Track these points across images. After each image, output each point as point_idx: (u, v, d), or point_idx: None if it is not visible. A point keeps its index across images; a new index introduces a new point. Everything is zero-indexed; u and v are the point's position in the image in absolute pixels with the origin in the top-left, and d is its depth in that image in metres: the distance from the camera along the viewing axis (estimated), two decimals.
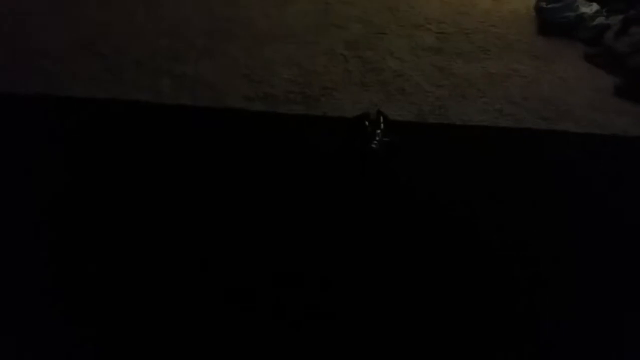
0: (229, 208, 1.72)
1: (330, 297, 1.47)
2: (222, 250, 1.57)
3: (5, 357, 1.26)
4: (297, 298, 1.45)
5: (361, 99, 2.26)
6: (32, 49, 2.46)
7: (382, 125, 1.99)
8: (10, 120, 2.03)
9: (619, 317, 1.50)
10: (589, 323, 1.47)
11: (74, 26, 2.66)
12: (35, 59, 2.39)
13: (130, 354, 1.32)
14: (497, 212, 1.81)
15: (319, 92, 2.28)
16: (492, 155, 2.07)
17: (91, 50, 2.47)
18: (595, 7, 3.10)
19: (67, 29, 2.63)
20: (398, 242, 1.66)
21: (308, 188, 1.82)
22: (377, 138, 1.93)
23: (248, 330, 1.38)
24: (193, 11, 2.90)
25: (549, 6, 3.12)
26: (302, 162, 1.92)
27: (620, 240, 1.73)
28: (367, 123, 2.00)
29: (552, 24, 3.04)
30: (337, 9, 3.04)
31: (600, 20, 2.97)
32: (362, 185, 1.86)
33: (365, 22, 2.91)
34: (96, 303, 1.42)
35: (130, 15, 2.82)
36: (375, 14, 3.03)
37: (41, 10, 2.76)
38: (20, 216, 1.65)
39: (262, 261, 1.54)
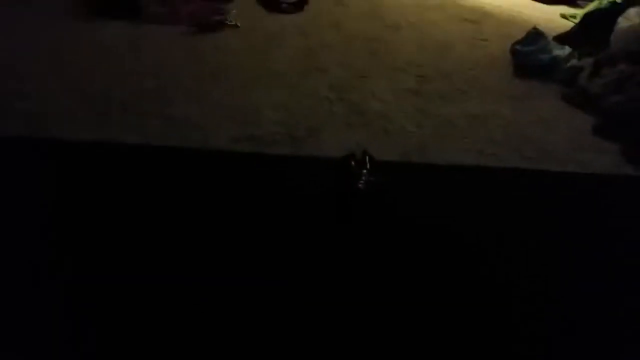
0: (215, 250, 1.71)
1: (317, 345, 1.46)
2: (205, 293, 1.55)
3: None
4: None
5: (346, 139, 2.29)
6: (14, 90, 2.46)
7: (368, 165, 2.02)
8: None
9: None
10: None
11: (59, 68, 2.67)
12: (17, 100, 2.38)
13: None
14: (482, 250, 1.83)
15: (305, 133, 2.32)
16: (476, 195, 2.10)
17: (76, 92, 2.47)
18: (567, 49, 3.23)
19: (52, 70, 2.64)
20: (386, 281, 1.66)
21: (294, 228, 1.82)
22: (364, 178, 1.95)
23: None
24: (181, 55, 2.95)
25: (524, 49, 3.23)
26: (289, 202, 1.93)
27: (604, 276, 1.76)
28: (353, 163, 2.03)
29: (527, 66, 3.15)
30: (320, 53, 3.11)
31: (573, 62, 3.09)
32: (349, 225, 1.87)
33: (347, 66, 2.98)
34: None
35: (117, 57, 2.85)
36: (356, 58, 3.10)
37: (24, 52, 2.78)
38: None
39: (243, 308, 1.52)
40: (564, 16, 4.33)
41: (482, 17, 4.10)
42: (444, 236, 1.86)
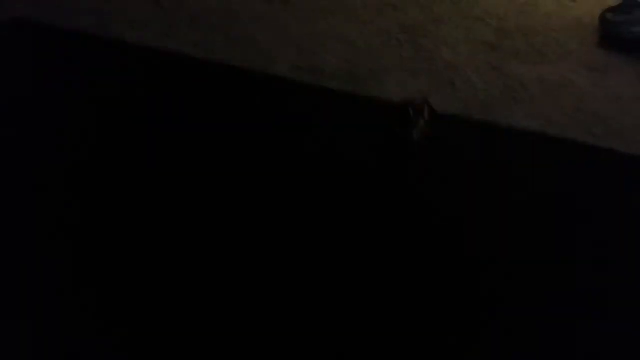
0: (258, 172, 1.72)
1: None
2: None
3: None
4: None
5: (409, 86, 2.23)
6: None
7: (426, 116, 1.96)
8: (51, 55, 2.06)
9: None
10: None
11: None
12: None
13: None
14: (524, 219, 1.77)
15: (368, 72, 2.26)
16: (533, 163, 2.03)
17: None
18: None
19: None
20: (426, 234, 1.65)
21: (341, 167, 1.81)
22: (420, 128, 1.90)
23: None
24: None
25: (615, 18, 3.01)
26: (340, 139, 1.91)
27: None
28: (411, 111, 1.97)
29: (615, 38, 2.94)
30: None
31: None
32: (396, 173, 1.85)
33: (424, 8, 2.85)
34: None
35: None
36: (436, 0, 2.97)
37: None
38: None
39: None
40: None
41: None
42: (492, 199, 1.81)
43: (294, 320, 1.35)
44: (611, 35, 2.97)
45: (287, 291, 1.41)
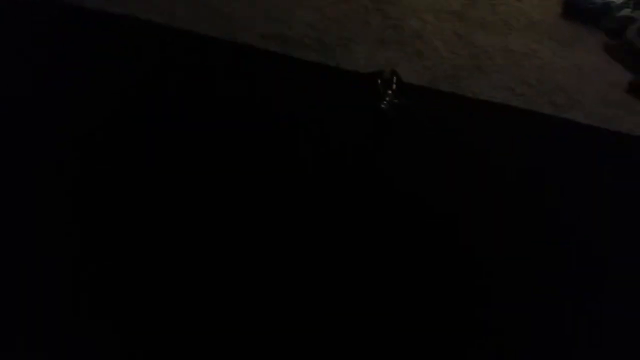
0: (222, 145, 1.68)
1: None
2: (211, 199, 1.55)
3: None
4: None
5: (377, 55, 2.22)
6: None
7: (394, 86, 1.97)
8: (13, 23, 1.96)
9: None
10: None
11: None
12: None
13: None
14: (490, 189, 1.81)
15: (336, 41, 2.23)
16: (496, 132, 2.07)
17: None
18: None
19: None
20: (385, 205, 1.66)
21: (310, 136, 1.80)
22: (388, 98, 1.91)
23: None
24: None
25: None
26: (309, 109, 1.89)
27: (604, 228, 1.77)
28: (380, 82, 1.97)
29: (578, 9, 3.00)
30: None
31: (626, 11, 2.93)
32: (366, 142, 1.85)
33: None
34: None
35: None
36: None
37: None
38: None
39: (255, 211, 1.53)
40: None
41: None
42: (460, 168, 1.84)
43: (265, 292, 1.36)
44: (573, 6, 3.02)
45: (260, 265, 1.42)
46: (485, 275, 1.52)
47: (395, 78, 2.00)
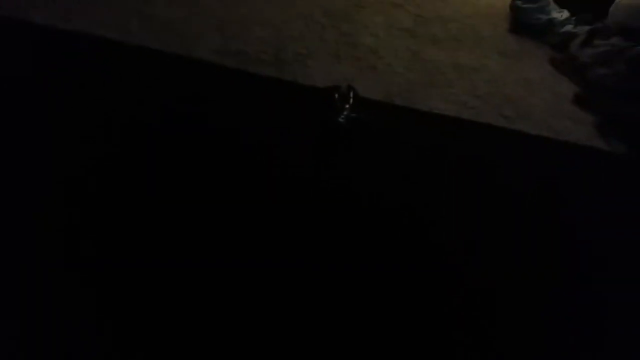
0: (180, 161, 1.67)
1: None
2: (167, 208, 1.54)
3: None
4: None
5: (333, 70, 2.25)
6: None
7: (351, 101, 2.00)
8: None
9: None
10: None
11: None
12: None
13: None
14: (445, 199, 1.85)
15: (292, 57, 2.26)
16: (450, 145, 2.12)
17: None
18: (566, 14, 3.20)
19: None
20: (348, 218, 1.68)
21: (268, 152, 1.81)
22: (345, 112, 1.94)
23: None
24: None
25: (523, 6, 3.19)
26: (266, 125, 1.90)
27: (551, 238, 1.83)
28: (336, 96, 2.00)
29: (524, 24, 3.12)
30: None
31: (568, 27, 3.07)
32: (323, 156, 1.87)
33: None
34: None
35: None
36: None
37: None
38: None
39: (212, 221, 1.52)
40: None
41: None
42: (416, 178, 1.88)
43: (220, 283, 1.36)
44: (520, 22, 3.14)
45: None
46: (433, 291, 1.56)
47: (351, 92, 2.04)
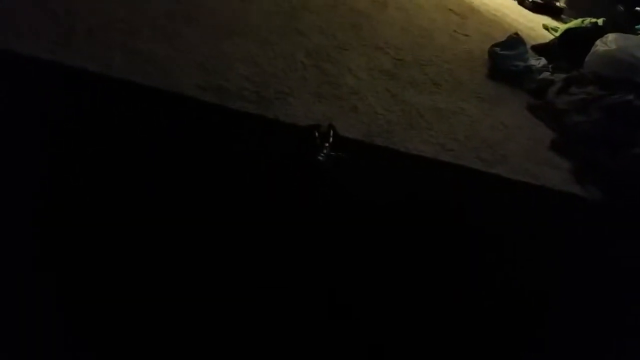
0: (160, 195, 1.65)
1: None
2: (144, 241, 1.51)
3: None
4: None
5: (314, 109, 2.26)
6: None
7: (331, 139, 2.01)
8: None
9: None
10: None
11: None
12: None
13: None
14: (421, 239, 1.85)
15: (274, 94, 2.26)
16: (428, 186, 2.14)
17: (41, 8, 2.32)
18: (543, 61, 3.29)
19: None
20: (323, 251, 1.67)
21: (247, 188, 1.79)
22: (325, 151, 1.94)
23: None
24: None
25: (502, 52, 3.28)
26: (246, 161, 1.90)
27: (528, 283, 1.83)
28: (317, 134, 2.01)
29: (502, 70, 3.20)
30: (303, 16, 3.05)
31: (545, 74, 3.15)
32: (303, 193, 1.86)
33: (328, 35, 2.93)
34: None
35: None
36: (338, 28, 3.06)
37: None
38: None
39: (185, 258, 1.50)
40: (546, 27, 4.41)
41: (468, 11, 4.12)
42: (392, 221, 1.88)
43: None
44: (497, 68, 3.22)
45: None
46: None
47: (332, 131, 2.06)
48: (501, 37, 3.45)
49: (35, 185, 1.55)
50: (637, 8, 4.26)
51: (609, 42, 3.16)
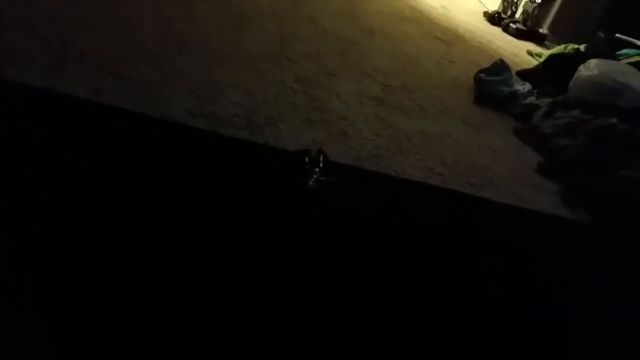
0: (152, 222, 1.65)
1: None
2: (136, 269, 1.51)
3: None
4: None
5: (304, 134, 2.29)
6: None
7: (321, 164, 2.03)
8: None
9: None
10: None
11: (20, 7, 2.53)
12: None
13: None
14: (412, 263, 1.86)
15: (264, 120, 2.29)
16: (417, 209, 2.15)
17: (33, 34, 2.35)
18: (528, 86, 3.36)
19: (12, 9, 2.50)
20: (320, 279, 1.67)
21: (237, 214, 1.80)
22: (315, 176, 1.96)
23: None
24: (149, 15, 2.86)
25: (487, 78, 3.34)
26: (237, 187, 1.90)
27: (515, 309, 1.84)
28: (307, 159, 2.03)
29: (487, 95, 3.25)
30: (292, 44, 3.10)
31: (531, 99, 3.21)
32: (294, 219, 1.87)
33: (317, 62, 2.98)
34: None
35: (82, 5, 2.73)
36: (327, 55, 3.11)
37: None
38: None
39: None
40: (530, 53, 4.51)
41: (453, 38, 4.21)
42: (384, 243, 1.89)
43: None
44: (484, 93, 3.27)
45: None
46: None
47: (322, 156, 2.07)
48: (486, 64, 3.52)
49: (24, 213, 1.55)
50: (617, 35, 4.37)
51: (592, 68, 3.24)
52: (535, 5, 4.89)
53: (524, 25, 4.95)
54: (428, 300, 1.73)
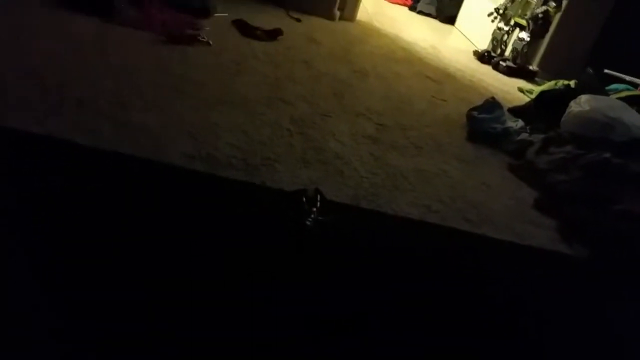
0: (151, 264, 1.65)
1: None
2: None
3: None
4: None
5: (300, 174, 2.30)
6: None
7: (318, 204, 2.03)
8: None
9: None
10: None
11: (17, 53, 2.58)
12: None
13: None
14: (410, 300, 1.85)
15: (261, 161, 2.31)
16: (417, 247, 2.15)
17: (32, 81, 2.38)
18: (520, 123, 3.40)
19: (8, 54, 2.55)
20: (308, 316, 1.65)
21: (236, 254, 1.79)
22: (313, 216, 1.96)
23: None
24: (147, 62, 2.91)
25: (479, 116, 3.38)
26: (235, 227, 1.91)
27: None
28: (304, 199, 2.04)
29: (480, 133, 3.29)
30: (286, 86, 3.15)
31: (524, 136, 3.25)
32: (291, 258, 1.86)
33: (312, 103, 3.02)
34: None
35: (80, 52, 2.79)
36: (321, 97, 3.16)
37: None
38: None
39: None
40: (521, 90, 4.60)
41: (444, 78, 4.28)
42: (382, 281, 1.88)
43: None
44: (476, 131, 3.31)
45: None
46: None
47: (319, 196, 2.08)
48: (478, 101, 3.57)
49: (23, 258, 1.54)
50: (606, 70, 4.47)
51: (582, 103, 3.29)
52: (524, 43, 5.00)
53: (514, 62, 5.04)
54: (426, 337, 1.71)
